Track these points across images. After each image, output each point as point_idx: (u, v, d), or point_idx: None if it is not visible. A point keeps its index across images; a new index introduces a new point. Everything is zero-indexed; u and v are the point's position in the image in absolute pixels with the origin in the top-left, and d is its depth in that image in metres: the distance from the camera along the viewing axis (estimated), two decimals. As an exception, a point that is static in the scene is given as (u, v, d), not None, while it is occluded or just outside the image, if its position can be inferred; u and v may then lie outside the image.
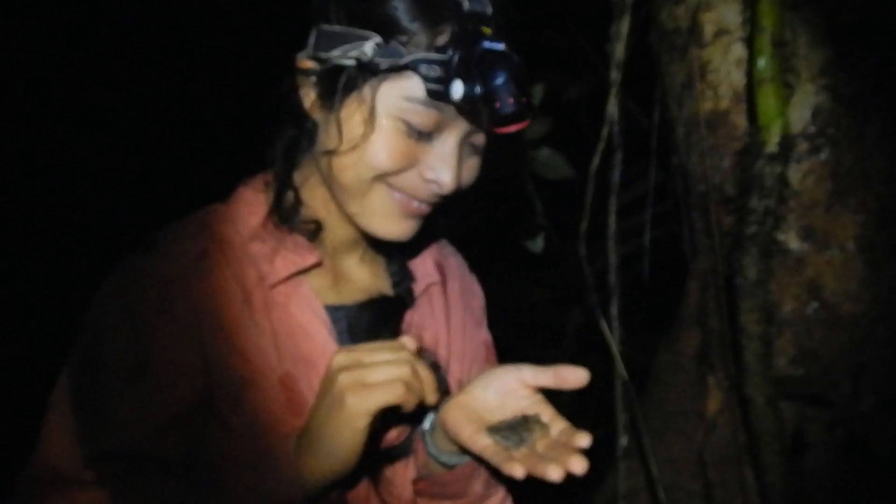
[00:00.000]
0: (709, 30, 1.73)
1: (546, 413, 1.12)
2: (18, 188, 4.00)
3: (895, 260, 1.67)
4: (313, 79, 1.14)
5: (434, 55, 1.04)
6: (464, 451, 1.16)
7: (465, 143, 1.14)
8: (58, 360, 1.16)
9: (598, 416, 2.60)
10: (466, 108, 1.05)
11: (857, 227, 1.66)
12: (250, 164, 1.27)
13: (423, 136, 1.10)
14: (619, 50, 1.89)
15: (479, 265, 1.54)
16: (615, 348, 1.86)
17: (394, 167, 1.11)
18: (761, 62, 1.53)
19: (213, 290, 1.13)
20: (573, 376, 1.11)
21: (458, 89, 1.03)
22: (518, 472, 1.02)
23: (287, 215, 1.21)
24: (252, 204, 1.22)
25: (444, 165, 1.12)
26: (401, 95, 1.08)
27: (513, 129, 1.08)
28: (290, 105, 1.18)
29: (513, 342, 2.79)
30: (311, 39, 1.13)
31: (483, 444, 1.10)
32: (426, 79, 1.05)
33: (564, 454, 1.02)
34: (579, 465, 1.00)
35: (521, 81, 1.04)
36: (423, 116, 1.08)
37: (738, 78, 1.71)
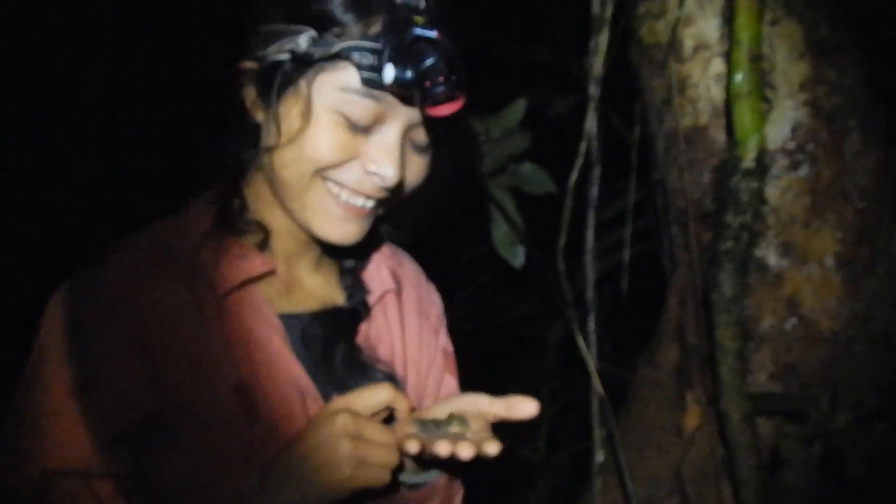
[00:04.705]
0: (688, 44, 1.73)
1: (476, 422, 1.14)
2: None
3: (874, 276, 1.67)
4: (252, 78, 1.16)
5: (366, 43, 1.06)
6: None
7: (406, 139, 1.15)
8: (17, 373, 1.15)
9: (579, 431, 2.59)
10: (399, 92, 1.07)
11: (835, 244, 1.65)
12: (203, 178, 1.27)
13: (361, 129, 1.11)
14: (597, 64, 1.89)
15: (459, 280, 1.54)
16: (591, 364, 1.85)
17: (334, 160, 1.12)
18: (738, 77, 1.52)
19: (164, 301, 1.13)
20: (524, 407, 1.14)
21: (389, 73, 1.05)
22: (412, 447, 1.07)
23: (231, 221, 1.21)
24: (201, 214, 1.22)
25: (386, 157, 1.12)
26: (336, 86, 1.09)
27: (445, 110, 1.10)
28: (231, 111, 1.20)
29: (494, 356, 2.78)
30: (251, 41, 1.16)
31: (404, 432, 1.12)
32: (359, 67, 1.07)
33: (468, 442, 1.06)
34: (466, 452, 1.04)
35: (452, 64, 1.06)
36: (360, 107, 1.10)
37: (717, 93, 1.71)
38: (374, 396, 1.12)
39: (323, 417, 1.08)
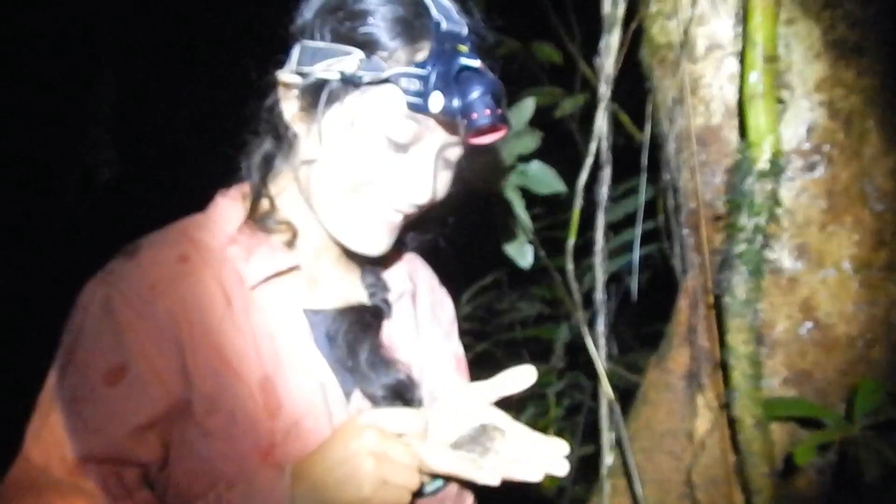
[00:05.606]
0: (701, 44, 1.70)
1: (502, 420, 1.17)
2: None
3: (891, 280, 1.64)
4: (296, 92, 1.17)
5: (413, 70, 1.08)
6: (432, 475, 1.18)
7: (439, 157, 1.17)
8: (47, 363, 1.16)
9: (587, 434, 2.57)
10: (444, 120, 1.10)
11: (852, 247, 1.63)
12: (228, 176, 1.30)
13: (400, 147, 1.13)
14: (608, 64, 1.87)
15: (468, 280, 1.53)
16: (601, 366, 1.83)
17: (371, 176, 1.14)
18: (752, 77, 1.50)
19: (194, 293, 1.15)
20: (523, 377, 1.17)
21: (437, 101, 1.07)
22: (493, 479, 1.09)
23: (262, 219, 1.24)
24: (229, 212, 1.25)
25: (420, 176, 1.15)
26: (381, 108, 1.11)
27: (488, 139, 1.14)
28: (269, 118, 1.22)
29: (501, 357, 2.77)
30: (294, 55, 1.18)
31: (449, 461, 1.13)
32: (406, 92, 1.09)
33: (542, 457, 1.10)
34: (561, 468, 1.09)
35: (496, 95, 1.09)
36: (400, 128, 1.12)
37: (730, 93, 1.69)
38: (406, 422, 1.12)
39: (350, 431, 1.09)
